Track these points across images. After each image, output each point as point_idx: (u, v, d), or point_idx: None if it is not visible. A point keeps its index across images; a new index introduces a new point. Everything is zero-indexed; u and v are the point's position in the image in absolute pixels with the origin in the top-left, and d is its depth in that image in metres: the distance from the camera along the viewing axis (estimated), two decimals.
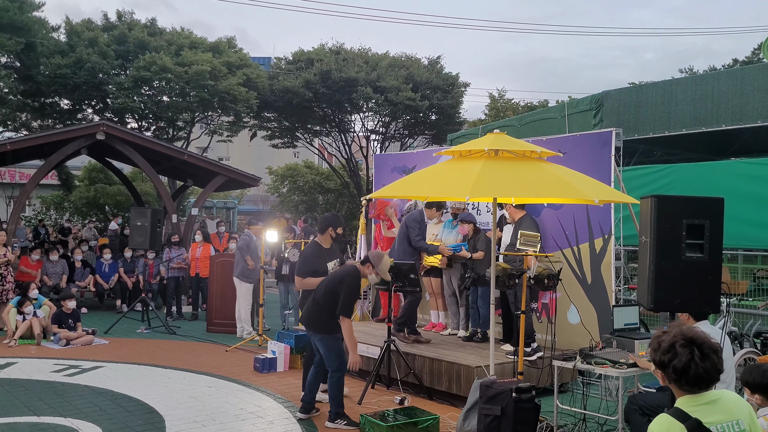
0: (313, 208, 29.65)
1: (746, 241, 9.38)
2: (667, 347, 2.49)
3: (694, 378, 2.43)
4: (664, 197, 4.27)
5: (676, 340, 2.48)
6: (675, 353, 2.46)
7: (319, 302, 6.14)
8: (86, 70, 19.94)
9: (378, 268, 6.19)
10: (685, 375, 2.43)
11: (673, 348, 2.47)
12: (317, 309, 6.13)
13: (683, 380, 2.45)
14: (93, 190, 24.29)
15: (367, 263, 6.24)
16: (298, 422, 6.20)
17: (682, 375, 2.44)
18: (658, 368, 2.55)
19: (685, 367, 2.43)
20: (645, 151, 13.01)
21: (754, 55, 26.55)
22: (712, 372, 2.43)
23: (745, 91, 10.21)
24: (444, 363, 7.01)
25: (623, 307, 6.28)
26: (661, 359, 2.50)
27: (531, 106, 28.84)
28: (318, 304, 6.14)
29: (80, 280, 13.42)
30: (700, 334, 2.50)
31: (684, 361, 2.43)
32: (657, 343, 2.54)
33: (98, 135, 13.42)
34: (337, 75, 22.92)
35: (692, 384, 2.45)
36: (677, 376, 2.46)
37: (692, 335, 2.48)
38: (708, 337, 2.50)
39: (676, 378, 2.47)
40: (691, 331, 2.50)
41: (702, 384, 2.45)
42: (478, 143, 5.88)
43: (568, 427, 5.94)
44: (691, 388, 2.46)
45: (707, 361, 2.43)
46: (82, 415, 6.29)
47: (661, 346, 2.51)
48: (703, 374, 2.42)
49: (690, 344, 2.45)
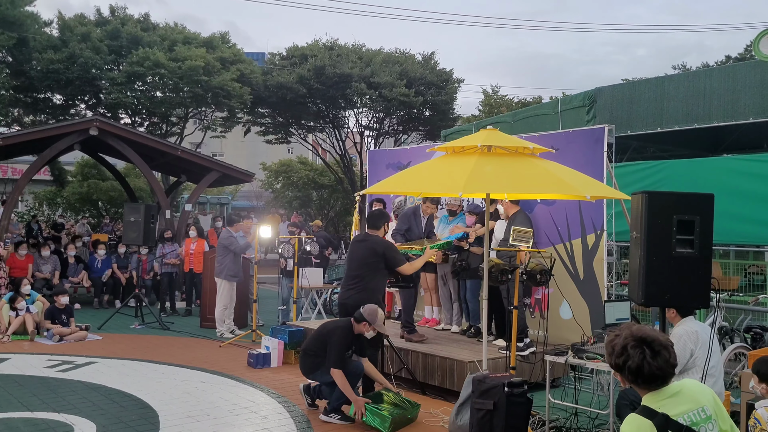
0: (307, 204, 29.66)
1: (738, 237, 9.44)
2: (619, 350, 2.53)
3: (649, 376, 2.48)
4: (655, 193, 4.31)
5: (627, 342, 2.52)
6: (628, 355, 2.50)
7: (308, 351, 6.25)
8: (79, 65, 19.87)
9: (375, 324, 6.10)
10: (641, 375, 2.49)
11: (626, 350, 2.51)
12: (309, 358, 6.22)
13: (640, 380, 2.50)
14: (86, 186, 24.23)
15: (362, 322, 6.08)
16: (292, 417, 6.22)
17: (638, 375, 2.49)
18: (615, 371, 2.60)
19: (638, 367, 2.48)
20: (638, 148, 13.09)
21: (746, 52, 26.65)
22: (665, 368, 2.48)
23: (737, 88, 10.28)
24: (437, 358, 7.04)
25: (615, 303, 6.31)
26: (616, 362, 2.55)
27: (525, 103, 28.90)
28: (308, 354, 6.24)
29: (73, 276, 13.39)
30: (649, 332, 2.55)
31: (637, 362, 2.48)
32: (611, 347, 2.59)
33: (91, 130, 13.39)
34: (331, 71, 22.91)
35: (648, 382, 2.50)
36: (633, 377, 2.51)
37: (642, 335, 2.52)
38: (658, 335, 2.55)
39: (632, 378, 2.52)
40: (640, 331, 2.55)
41: (658, 381, 2.50)
42: (471, 139, 5.91)
43: (560, 422, 5.98)
44: (649, 386, 2.51)
45: (659, 359, 2.47)
46: (76, 410, 6.29)
47: (615, 349, 2.56)
48: (657, 371, 2.48)
49: (640, 344, 2.50)
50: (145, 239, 11.40)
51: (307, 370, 6.29)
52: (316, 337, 6.31)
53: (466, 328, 8.31)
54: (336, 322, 6.43)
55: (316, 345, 6.22)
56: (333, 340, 6.04)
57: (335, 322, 6.39)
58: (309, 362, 6.24)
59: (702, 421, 2.49)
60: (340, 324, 6.25)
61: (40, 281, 12.62)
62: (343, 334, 6.11)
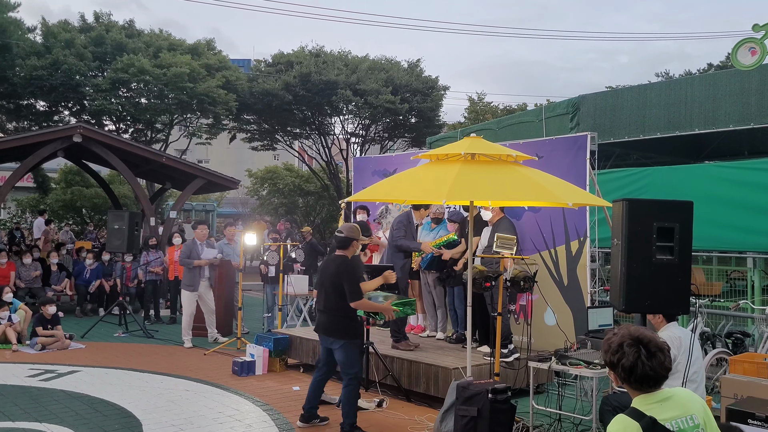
0: (293, 211, 29.58)
1: (720, 243, 9.53)
2: (615, 348, 2.58)
3: (642, 376, 2.52)
4: (635, 200, 4.36)
5: (623, 341, 2.57)
6: (623, 353, 2.54)
7: (329, 308, 5.91)
8: (63, 72, 19.74)
9: (355, 237, 5.94)
10: (633, 374, 2.52)
11: (621, 348, 2.56)
12: (331, 315, 5.89)
13: (632, 379, 2.54)
14: (70, 193, 24.03)
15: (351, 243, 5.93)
16: (276, 425, 6.21)
17: (631, 374, 2.53)
18: (609, 369, 2.63)
19: (632, 366, 2.52)
20: (621, 155, 13.20)
21: (727, 60, 26.96)
22: (659, 370, 2.52)
23: (718, 96, 10.41)
24: (422, 365, 7.05)
25: (598, 309, 6.38)
26: (611, 359, 2.59)
27: (510, 110, 29.06)
28: (329, 310, 5.92)
29: (56, 284, 13.28)
30: (647, 333, 2.59)
31: (631, 360, 2.52)
32: (607, 344, 2.63)
33: (75, 137, 13.31)
34: (317, 78, 22.93)
35: (640, 382, 2.54)
36: (626, 375, 2.55)
37: (639, 335, 2.56)
38: (655, 337, 2.59)
39: (625, 377, 2.56)
40: (638, 331, 2.59)
41: (650, 382, 2.53)
42: (455, 147, 5.95)
43: (543, 428, 6.01)
44: (640, 386, 2.55)
45: (654, 360, 2.51)
46: (58, 420, 6.24)
47: (611, 346, 2.60)
48: (650, 372, 2.51)
49: (637, 344, 2.54)
50: (129, 247, 11.33)
51: (329, 330, 5.88)
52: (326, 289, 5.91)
53: (451, 334, 8.33)
54: (327, 264, 6.07)
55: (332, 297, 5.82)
56: (343, 277, 5.75)
57: (327, 265, 6.04)
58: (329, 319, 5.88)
59: (690, 428, 2.51)
60: (334, 261, 5.93)
61: (23, 289, 12.52)
62: (346, 265, 5.82)
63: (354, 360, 5.91)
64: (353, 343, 5.90)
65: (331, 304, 5.88)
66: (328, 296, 5.90)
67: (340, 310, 5.81)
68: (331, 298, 5.87)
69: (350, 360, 5.86)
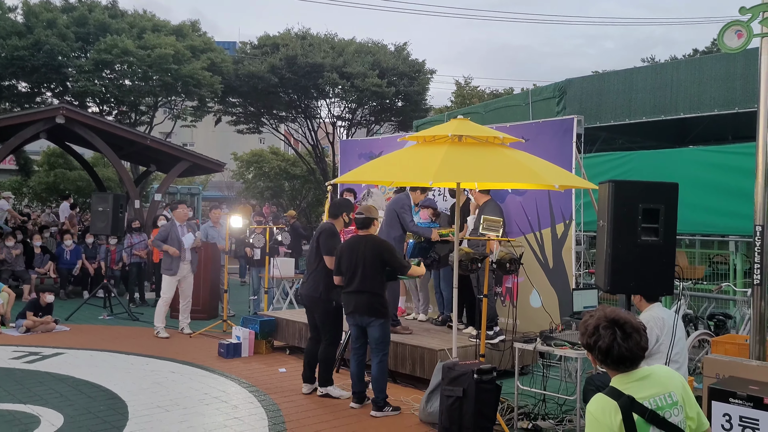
0: (279, 195, 29.50)
1: (704, 227, 9.62)
2: (592, 330, 2.60)
3: (618, 357, 2.55)
4: (621, 182, 4.38)
5: (599, 323, 2.59)
6: (599, 335, 2.57)
7: (366, 288, 5.99)
8: (45, 53, 19.45)
9: (375, 216, 6.29)
10: (610, 355, 2.55)
11: (597, 330, 2.58)
12: (369, 295, 5.99)
13: (609, 360, 2.57)
14: (53, 176, 23.80)
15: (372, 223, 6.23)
16: (263, 406, 6.22)
17: (607, 355, 2.56)
18: (587, 351, 2.66)
19: (608, 348, 2.55)
20: (607, 139, 13.25)
21: (713, 45, 27.08)
22: (635, 350, 2.55)
23: (703, 80, 10.45)
24: (408, 346, 7.08)
25: (582, 291, 6.43)
26: (588, 342, 2.62)
27: (496, 94, 29.04)
28: (366, 290, 5.99)
29: (40, 267, 13.17)
30: (622, 315, 2.61)
31: (607, 342, 2.55)
32: (584, 327, 2.66)
33: (58, 119, 13.15)
34: (303, 60, 22.77)
35: (617, 363, 2.57)
36: (603, 357, 2.58)
37: (614, 316, 2.59)
38: (631, 318, 2.62)
39: (602, 358, 2.59)
40: (613, 313, 2.61)
41: (626, 362, 2.56)
42: (442, 129, 5.93)
43: (528, 408, 6.06)
44: (618, 367, 2.58)
45: (630, 341, 2.54)
46: (43, 401, 6.22)
47: (587, 329, 2.63)
48: (626, 353, 2.54)
49: (612, 325, 2.56)
50: (113, 229, 11.26)
51: (367, 310, 5.97)
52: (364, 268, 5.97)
53: (437, 316, 8.37)
54: (355, 244, 6.12)
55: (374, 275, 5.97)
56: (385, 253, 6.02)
57: (356, 245, 6.11)
58: (367, 299, 5.96)
59: (668, 406, 2.54)
60: (366, 242, 6.08)
61: (6, 272, 12.42)
62: (385, 242, 6.25)
63: (388, 336, 6.21)
64: (388, 320, 6.23)
65: (368, 284, 6.00)
66: (366, 277, 6.00)
67: (377, 288, 6.04)
68: (369, 278, 6.00)
69: (386, 337, 6.13)
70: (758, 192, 5.07)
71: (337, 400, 6.43)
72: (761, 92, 5.01)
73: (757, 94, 5.06)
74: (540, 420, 5.84)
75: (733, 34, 5.03)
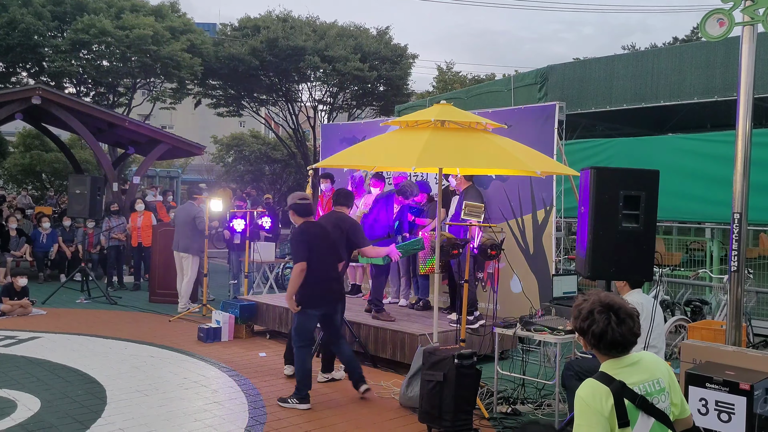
0: (259, 179, 29.33)
1: (681, 214, 9.74)
2: (586, 314, 2.61)
3: (611, 342, 2.56)
4: (603, 169, 4.39)
5: (594, 307, 2.59)
6: (593, 320, 2.57)
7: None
8: (20, 31, 19.07)
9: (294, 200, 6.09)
10: (603, 339, 2.56)
11: (592, 314, 2.58)
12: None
13: (601, 345, 2.58)
14: (29, 157, 23.46)
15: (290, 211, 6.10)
16: (242, 390, 6.21)
17: (600, 340, 2.57)
18: (579, 335, 2.67)
19: (602, 332, 2.55)
20: (587, 126, 13.32)
21: (693, 34, 27.27)
22: (628, 336, 2.56)
23: (683, 68, 10.53)
24: (388, 331, 7.09)
25: (562, 277, 6.47)
26: (581, 326, 2.62)
27: (478, 79, 29.05)
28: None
29: (15, 250, 12.98)
30: (617, 300, 2.62)
31: (601, 327, 2.55)
32: (577, 310, 2.65)
33: (34, 99, 12.91)
34: (284, 43, 22.57)
35: (609, 348, 2.57)
36: (596, 341, 2.59)
37: (609, 301, 2.59)
38: (625, 303, 2.63)
39: (595, 343, 2.60)
40: (608, 298, 2.62)
41: (619, 347, 2.57)
42: (425, 114, 5.92)
43: (507, 392, 6.11)
44: (609, 352, 2.59)
45: (623, 326, 2.55)
46: (19, 386, 6.14)
47: (581, 313, 2.63)
48: (620, 338, 2.55)
49: (607, 310, 2.57)
50: (91, 212, 11.10)
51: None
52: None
53: (415, 301, 8.39)
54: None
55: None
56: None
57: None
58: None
59: (656, 392, 2.57)
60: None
61: None
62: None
63: (303, 327, 5.85)
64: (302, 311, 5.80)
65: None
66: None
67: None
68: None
69: (299, 327, 5.84)
70: (737, 180, 5.11)
71: (319, 383, 6.42)
72: (741, 80, 5.04)
73: (736, 83, 5.10)
74: (519, 404, 5.89)
75: (715, 22, 5.05)
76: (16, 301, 9.51)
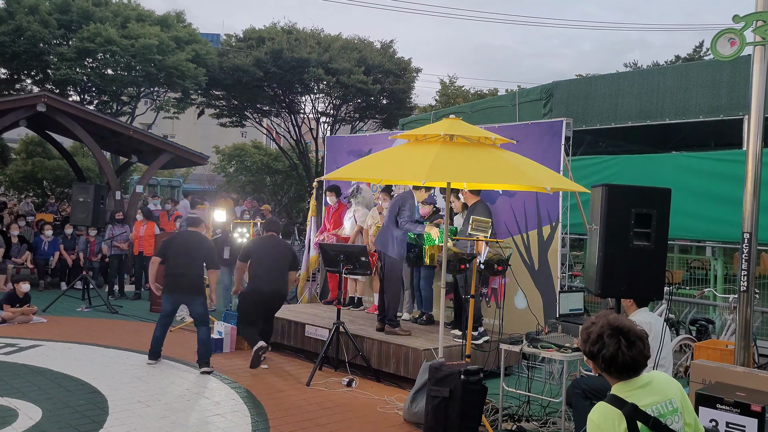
0: (261, 189, 29.33)
1: (683, 232, 9.70)
2: (595, 338, 2.56)
3: (622, 365, 2.52)
4: (615, 186, 4.38)
5: (603, 331, 2.55)
6: (603, 344, 2.54)
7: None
8: (26, 39, 19.12)
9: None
10: (614, 363, 2.52)
11: (601, 338, 2.55)
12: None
13: (612, 368, 2.54)
14: (30, 164, 23.44)
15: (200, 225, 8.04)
16: (245, 402, 6.16)
17: (611, 364, 2.53)
18: (588, 359, 2.62)
19: (613, 356, 2.52)
20: (591, 142, 13.32)
21: (695, 53, 27.37)
22: (639, 358, 2.53)
23: (689, 87, 10.55)
24: (392, 345, 7.05)
25: (568, 293, 6.44)
26: (591, 350, 2.58)
27: (481, 94, 29.12)
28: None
29: (17, 257, 12.95)
30: (626, 322, 2.58)
31: (612, 351, 2.51)
32: (586, 334, 2.61)
33: (39, 107, 12.93)
34: (289, 55, 22.63)
35: (621, 371, 2.54)
36: (606, 365, 2.55)
37: (618, 324, 2.56)
38: (633, 325, 2.59)
39: (605, 367, 2.56)
40: (617, 321, 2.58)
41: (630, 371, 2.54)
42: (434, 128, 5.91)
43: (512, 409, 6.07)
44: (620, 375, 2.55)
45: (634, 349, 2.52)
46: (20, 394, 6.09)
47: (590, 337, 2.59)
48: (630, 361, 2.52)
49: (617, 333, 2.53)
50: (94, 220, 11.10)
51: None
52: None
53: (418, 315, 8.35)
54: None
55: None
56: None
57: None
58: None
59: (669, 413, 2.53)
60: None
61: None
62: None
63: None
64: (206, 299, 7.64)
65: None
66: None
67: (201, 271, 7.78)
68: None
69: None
70: (747, 200, 5.10)
71: (322, 396, 6.38)
72: (753, 100, 5.04)
73: (743, 102, 5.11)
74: (524, 421, 5.84)
75: (726, 41, 5.06)
76: (17, 309, 9.46)
